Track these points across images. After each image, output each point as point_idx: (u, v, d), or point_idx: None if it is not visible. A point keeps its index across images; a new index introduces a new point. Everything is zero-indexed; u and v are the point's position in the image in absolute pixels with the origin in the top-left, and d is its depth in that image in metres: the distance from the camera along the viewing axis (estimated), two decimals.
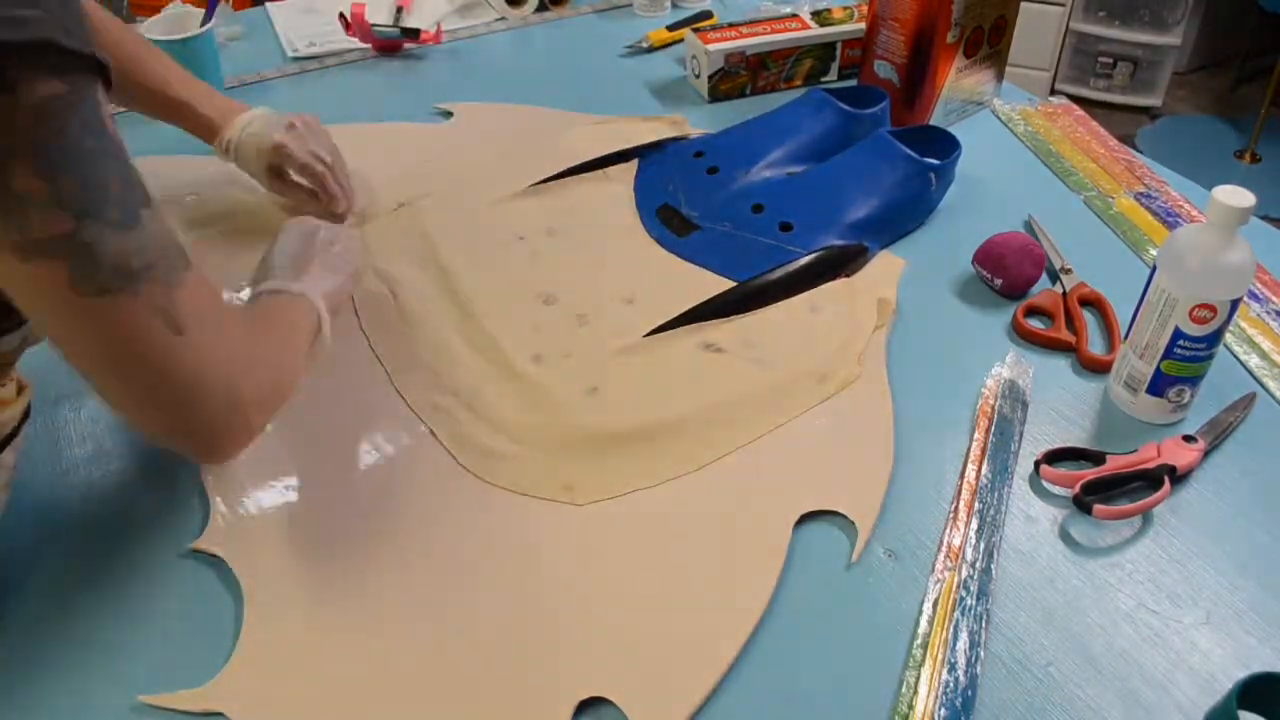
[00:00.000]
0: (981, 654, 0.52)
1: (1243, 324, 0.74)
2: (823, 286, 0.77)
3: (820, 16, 1.10)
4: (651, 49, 1.20)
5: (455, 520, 0.60)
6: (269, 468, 0.64)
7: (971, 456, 0.64)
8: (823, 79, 1.11)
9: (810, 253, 0.79)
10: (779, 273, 0.78)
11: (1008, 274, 0.77)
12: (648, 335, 0.73)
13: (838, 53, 1.10)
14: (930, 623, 0.54)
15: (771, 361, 0.71)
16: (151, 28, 1.02)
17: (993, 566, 0.57)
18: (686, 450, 0.64)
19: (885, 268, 0.81)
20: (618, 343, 0.72)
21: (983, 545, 0.58)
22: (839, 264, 0.79)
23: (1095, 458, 0.63)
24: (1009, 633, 0.54)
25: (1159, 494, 0.59)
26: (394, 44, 1.19)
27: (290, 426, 0.67)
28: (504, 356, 0.71)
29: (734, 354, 0.71)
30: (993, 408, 0.67)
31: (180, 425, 0.48)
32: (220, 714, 0.50)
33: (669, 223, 0.85)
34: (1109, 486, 0.61)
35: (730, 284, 0.77)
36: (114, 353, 0.45)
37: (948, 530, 0.59)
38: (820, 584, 0.56)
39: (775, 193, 0.85)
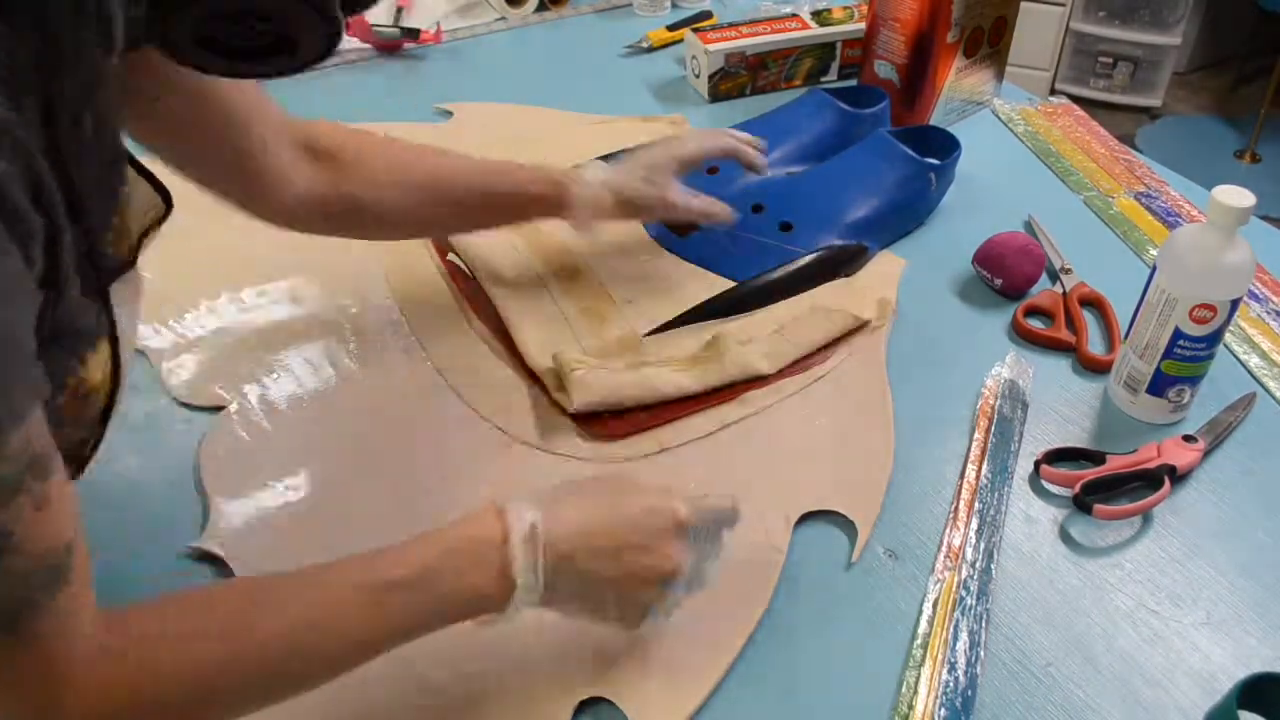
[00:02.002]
0: (981, 654, 0.52)
1: (1243, 324, 0.74)
2: (823, 286, 0.77)
3: (820, 16, 1.10)
4: (651, 49, 1.20)
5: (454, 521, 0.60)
6: (269, 467, 0.64)
7: (971, 456, 0.64)
8: (822, 79, 1.11)
9: (811, 252, 0.79)
10: (780, 272, 0.78)
11: (1008, 274, 0.77)
12: (649, 335, 0.73)
13: (838, 53, 1.10)
14: (930, 623, 0.54)
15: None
16: None
17: (993, 566, 0.57)
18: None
19: (885, 268, 0.81)
20: (619, 344, 0.72)
21: (983, 545, 0.58)
22: (840, 264, 0.79)
23: (1095, 458, 0.63)
24: (1009, 633, 0.54)
25: (1159, 494, 0.59)
26: (394, 44, 1.19)
27: (289, 426, 0.67)
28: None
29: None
30: (993, 408, 0.67)
31: None
32: None
33: (669, 222, 0.85)
34: (1109, 486, 0.61)
35: (731, 284, 0.77)
36: None
37: (948, 530, 0.59)
38: (820, 584, 0.56)
39: (775, 193, 0.85)
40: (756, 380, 0.69)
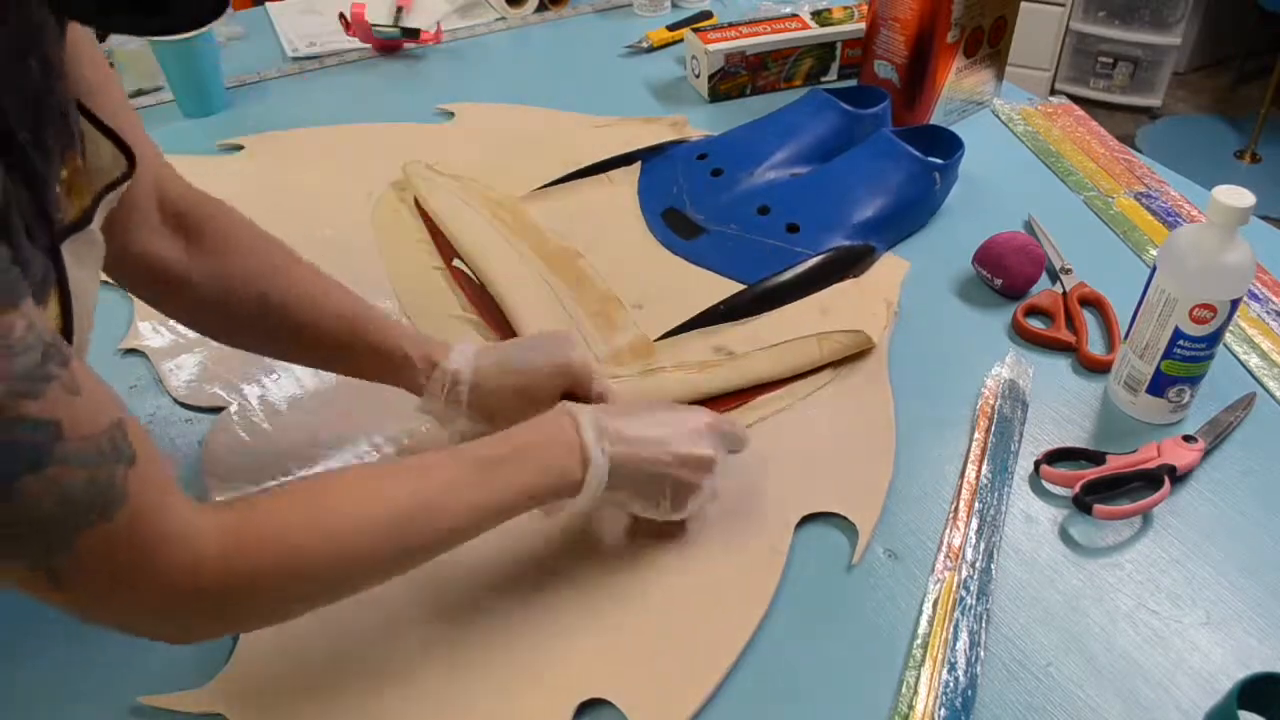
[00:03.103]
0: (981, 654, 0.52)
1: (1243, 324, 0.74)
2: (832, 288, 0.77)
3: (820, 16, 1.10)
4: (651, 49, 1.20)
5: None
6: (270, 467, 0.64)
7: (971, 456, 0.64)
8: (822, 79, 1.11)
9: (819, 254, 0.79)
10: (788, 274, 0.77)
11: (1008, 274, 0.77)
12: (659, 339, 0.73)
13: (838, 53, 1.10)
14: (930, 623, 0.54)
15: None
16: None
17: (993, 566, 0.57)
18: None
19: (890, 269, 0.80)
20: (631, 350, 0.72)
21: (983, 545, 0.58)
22: (847, 265, 0.79)
23: (1095, 458, 0.63)
24: (1009, 633, 0.54)
25: (1159, 494, 0.59)
26: (394, 44, 1.19)
27: (290, 426, 0.67)
28: None
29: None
30: (993, 408, 0.67)
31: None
32: (220, 715, 0.50)
33: (675, 226, 0.85)
34: (1109, 486, 0.61)
35: (739, 286, 0.77)
36: None
37: (948, 530, 0.59)
38: (821, 585, 0.56)
39: (781, 194, 0.85)
40: (765, 386, 0.69)
